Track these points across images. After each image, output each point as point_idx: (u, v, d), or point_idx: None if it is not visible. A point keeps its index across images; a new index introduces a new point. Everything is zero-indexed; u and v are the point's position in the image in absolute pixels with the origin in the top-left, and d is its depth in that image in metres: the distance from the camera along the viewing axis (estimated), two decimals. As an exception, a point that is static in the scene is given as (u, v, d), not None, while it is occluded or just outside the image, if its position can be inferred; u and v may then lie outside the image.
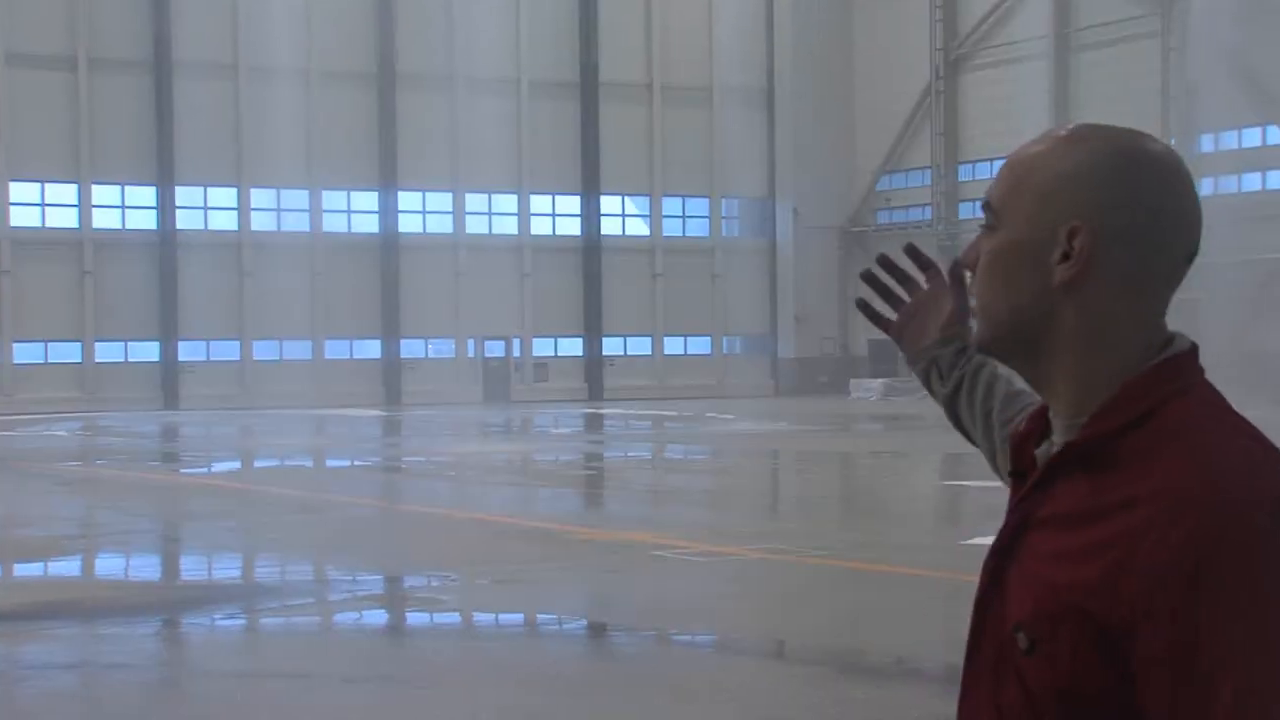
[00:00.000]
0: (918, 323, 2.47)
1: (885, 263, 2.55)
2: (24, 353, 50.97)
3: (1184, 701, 1.59)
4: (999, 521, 2.05)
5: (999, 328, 1.78)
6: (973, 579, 2.20)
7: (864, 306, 2.63)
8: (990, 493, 19.42)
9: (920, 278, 2.49)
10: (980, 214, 1.82)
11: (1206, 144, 49.57)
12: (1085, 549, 1.66)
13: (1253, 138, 48.85)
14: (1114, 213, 1.72)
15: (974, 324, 1.83)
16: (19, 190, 51.07)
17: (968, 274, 1.88)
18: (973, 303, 1.84)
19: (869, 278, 2.57)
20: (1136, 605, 1.61)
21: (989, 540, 2.04)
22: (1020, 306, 1.75)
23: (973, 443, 2.49)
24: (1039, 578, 1.71)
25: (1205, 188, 48.38)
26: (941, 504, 21.61)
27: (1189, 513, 1.60)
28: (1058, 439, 1.79)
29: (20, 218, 51.01)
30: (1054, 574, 1.69)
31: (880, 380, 56.16)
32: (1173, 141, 48.71)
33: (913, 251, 2.54)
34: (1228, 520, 1.60)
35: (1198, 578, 1.58)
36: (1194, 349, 1.76)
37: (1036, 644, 1.70)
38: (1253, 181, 48.71)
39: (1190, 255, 1.75)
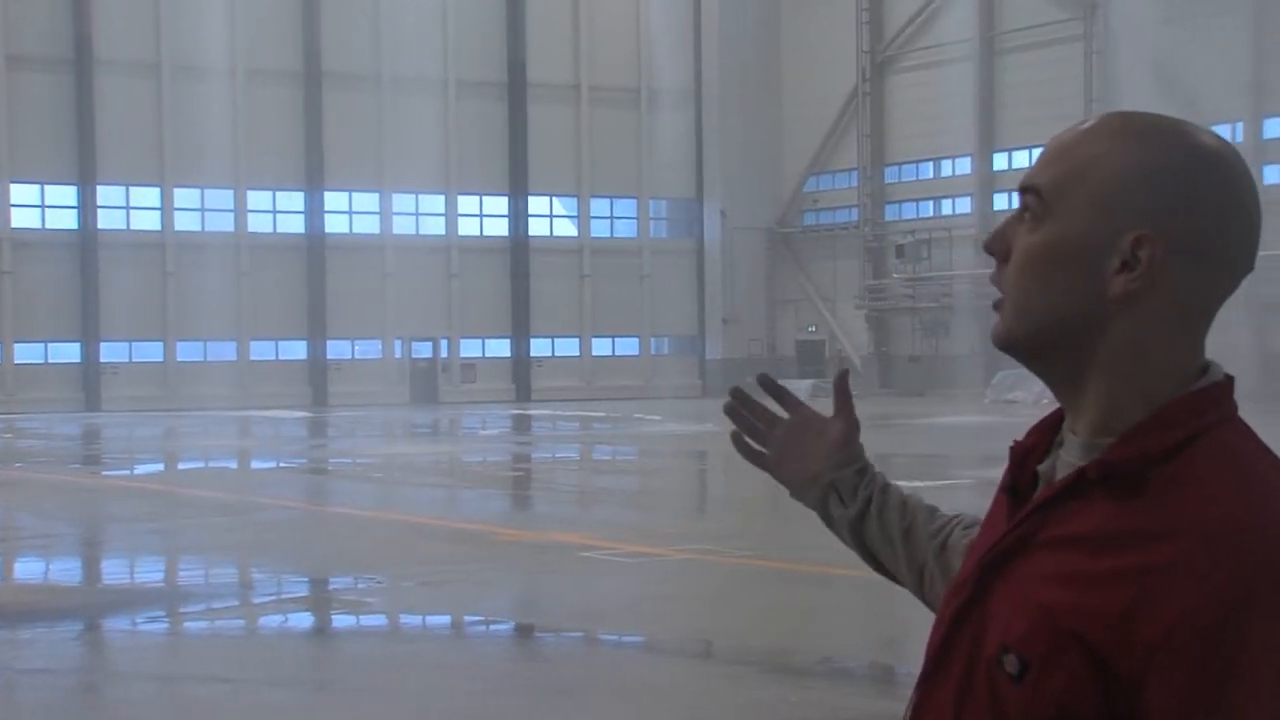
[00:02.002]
0: (797, 452, 2.26)
1: (740, 395, 2.33)
2: (-58, 354, 50.37)
3: None
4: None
5: (1033, 330, 1.62)
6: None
7: (738, 441, 2.36)
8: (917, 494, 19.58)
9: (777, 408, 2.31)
10: (1020, 199, 1.66)
11: (1129, 147, 50.10)
12: (1101, 576, 1.53)
13: (1174, 141, 49.38)
14: (1185, 223, 1.57)
15: (1002, 319, 1.64)
16: (-63, 189, 50.45)
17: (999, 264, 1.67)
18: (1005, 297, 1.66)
19: (731, 412, 2.33)
20: (1157, 644, 1.48)
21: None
22: (1063, 313, 1.60)
23: (880, 567, 2.27)
24: (1038, 600, 1.57)
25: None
26: (868, 504, 21.70)
27: (1232, 550, 1.48)
28: (1070, 457, 1.65)
29: (-62, 217, 50.42)
30: (1057, 597, 1.55)
31: (808, 381, 56.41)
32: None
33: (766, 383, 2.32)
34: (1274, 561, 1.49)
35: (1236, 620, 1.46)
36: (1230, 379, 1.65)
37: (1028, 669, 1.56)
38: (1174, 184, 49.16)
39: (1249, 270, 1.62)
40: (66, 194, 51.89)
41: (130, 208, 53.07)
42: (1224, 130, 48.82)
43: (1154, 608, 1.48)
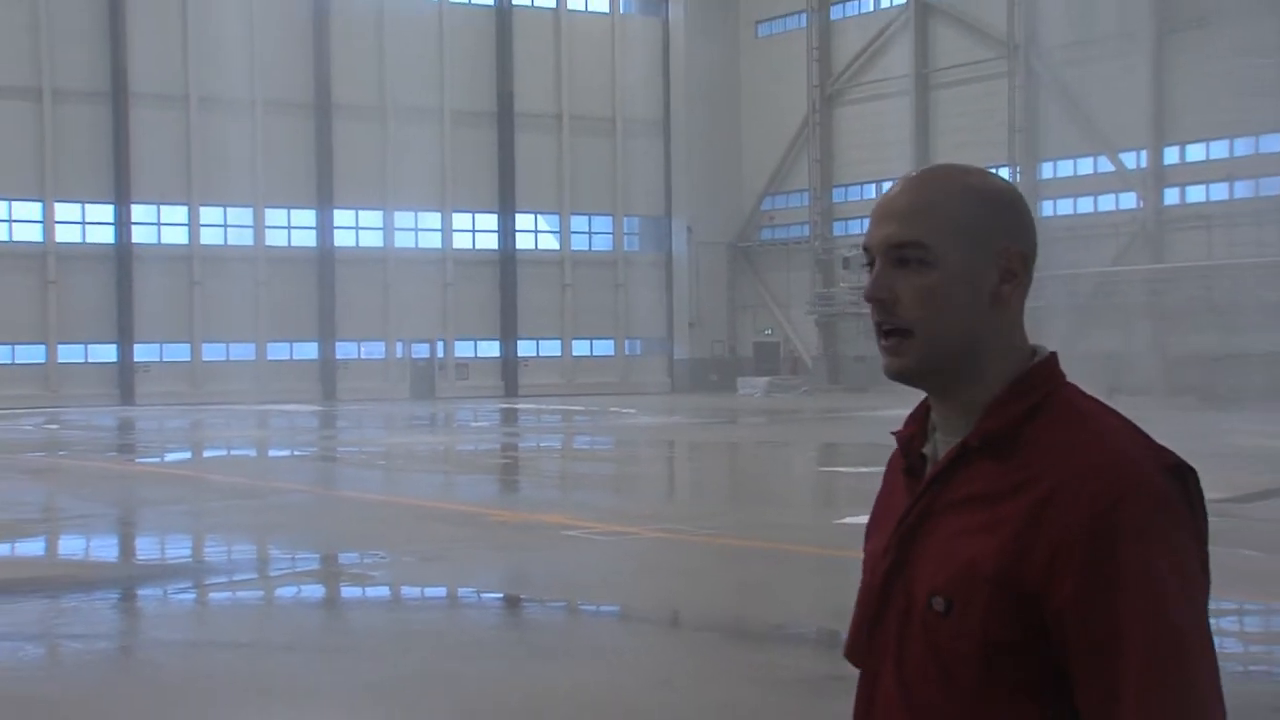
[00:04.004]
0: None
1: None
2: (-7, 354, 50.24)
3: (1099, 645, 1.65)
4: (869, 503, 2.06)
5: (945, 351, 1.80)
6: (844, 554, 2.20)
7: None
8: (860, 478, 19.62)
9: None
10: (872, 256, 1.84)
11: (1046, 171, 50.38)
12: (996, 521, 1.72)
13: (1085, 166, 49.65)
14: (1023, 234, 1.82)
15: (906, 351, 1.81)
16: (-12, 207, 50.26)
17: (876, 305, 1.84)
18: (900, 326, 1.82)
19: None
20: (1048, 559, 1.67)
21: (860, 520, 2.05)
22: (970, 328, 1.79)
23: None
24: (953, 552, 1.75)
25: (1045, 209, 49.19)
26: (818, 488, 21.76)
27: (1097, 476, 1.68)
28: (948, 437, 1.84)
29: (-11, 232, 50.25)
30: (967, 546, 1.73)
31: (764, 378, 56.49)
32: (1018, 169, 49.49)
33: None
34: (1133, 480, 1.68)
35: (1109, 525, 1.66)
36: (1055, 354, 1.85)
37: (953, 606, 1.73)
38: (1085, 205, 49.52)
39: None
40: (104, 212, 51.65)
41: (161, 224, 52.83)
42: (1129, 157, 49.27)
43: (1042, 531, 1.68)
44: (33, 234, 50.80)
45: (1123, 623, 1.64)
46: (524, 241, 59.40)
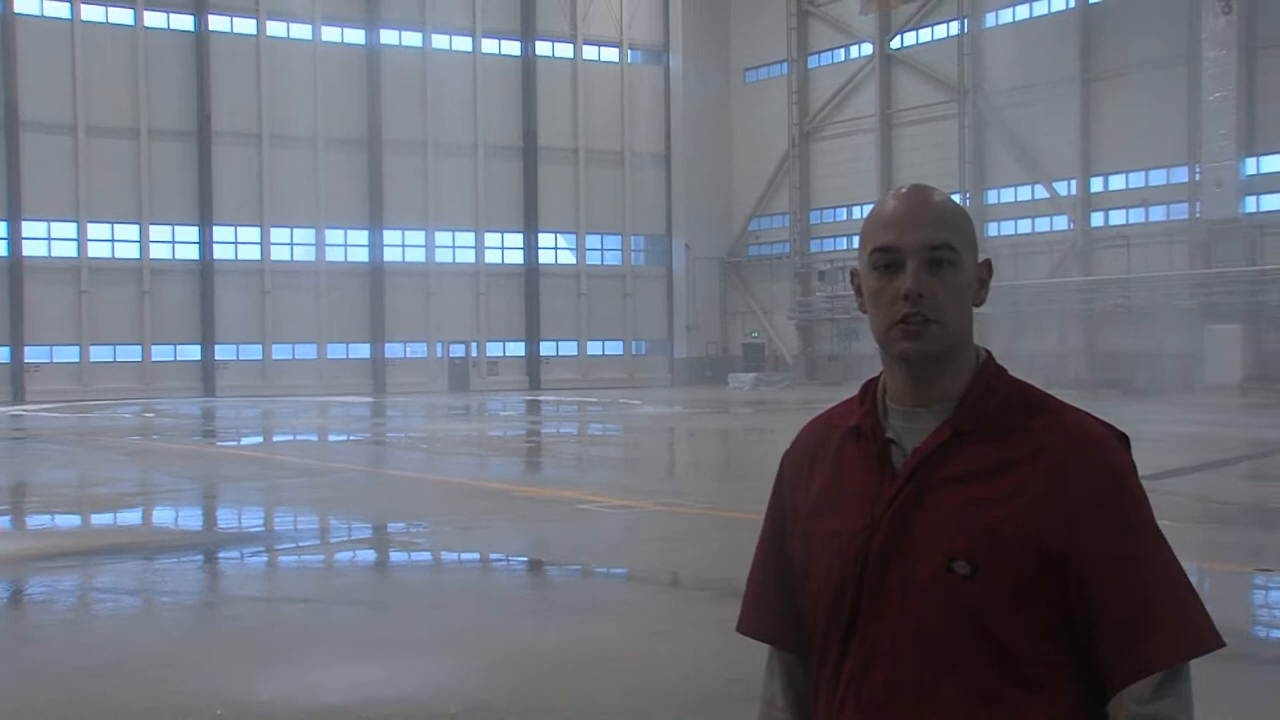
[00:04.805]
0: None
1: None
2: (98, 353, 50.35)
3: (1127, 573, 1.70)
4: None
5: (959, 337, 1.79)
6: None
7: None
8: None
9: None
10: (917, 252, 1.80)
11: (992, 197, 50.33)
12: (1006, 491, 1.71)
13: (1024, 193, 49.64)
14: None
15: (936, 335, 1.78)
16: (94, 229, 50.32)
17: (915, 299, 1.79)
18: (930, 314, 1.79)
19: None
20: (1069, 516, 1.69)
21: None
22: (967, 323, 1.80)
23: None
24: (968, 520, 1.71)
25: (990, 230, 49.14)
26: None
27: (1094, 448, 1.73)
28: (909, 424, 1.79)
29: (94, 250, 50.28)
30: (984, 515, 1.71)
31: (751, 374, 56.48)
32: (967, 195, 49.43)
33: None
34: (1114, 449, 1.75)
35: (1122, 482, 1.73)
36: (989, 350, 1.87)
37: (979, 570, 1.69)
38: (1025, 226, 49.50)
39: None
40: (190, 233, 51.76)
41: (238, 243, 52.93)
42: (1061, 185, 49.21)
43: (1060, 496, 1.70)
44: (131, 252, 50.93)
45: (1140, 553, 1.71)
46: (546, 257, 59.41)
